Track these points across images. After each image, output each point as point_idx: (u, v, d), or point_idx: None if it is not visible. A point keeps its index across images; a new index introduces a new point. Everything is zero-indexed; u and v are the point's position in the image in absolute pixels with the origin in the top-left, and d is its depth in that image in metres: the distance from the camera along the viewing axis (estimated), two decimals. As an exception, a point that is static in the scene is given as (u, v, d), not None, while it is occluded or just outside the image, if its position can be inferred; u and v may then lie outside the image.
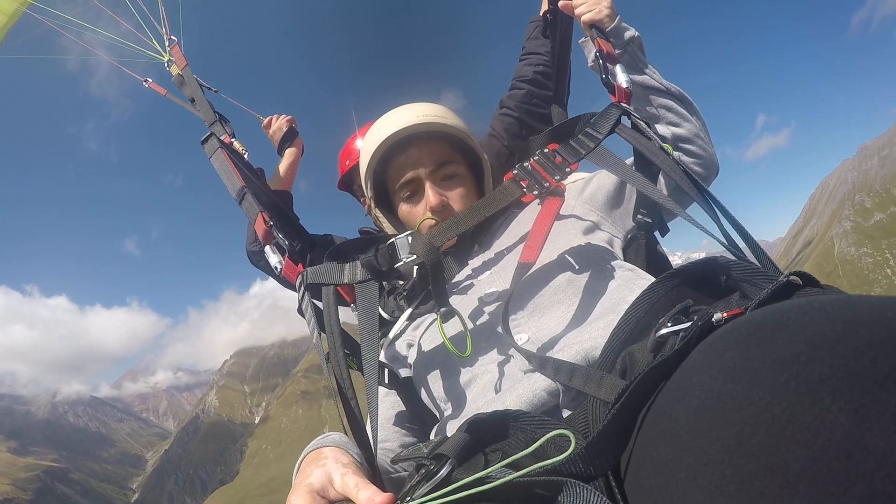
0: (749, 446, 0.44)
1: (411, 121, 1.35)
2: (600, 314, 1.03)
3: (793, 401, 0.43)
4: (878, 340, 0.43)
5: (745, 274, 0.84)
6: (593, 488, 0.63)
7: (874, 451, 0.38)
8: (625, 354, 0.86)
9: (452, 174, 1.40)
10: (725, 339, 0.56)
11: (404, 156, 1.40)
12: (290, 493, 0.83)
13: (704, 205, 1.14)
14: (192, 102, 1.80)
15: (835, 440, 0.39)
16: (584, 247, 1.20)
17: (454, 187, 1.39)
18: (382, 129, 1.38)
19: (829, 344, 0.45)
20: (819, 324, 0.48)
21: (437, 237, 1.14)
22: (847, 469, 0.38)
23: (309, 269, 1.21)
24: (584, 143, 1.18)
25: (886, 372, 0.41)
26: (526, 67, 2.00)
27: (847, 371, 0.42)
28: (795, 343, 0.47)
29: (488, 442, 0.77)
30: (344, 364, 1.08)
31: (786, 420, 0.42)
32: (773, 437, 0.42)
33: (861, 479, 0.37)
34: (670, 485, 0.51)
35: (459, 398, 1.12)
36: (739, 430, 0.45)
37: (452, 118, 1.41)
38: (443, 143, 1.40)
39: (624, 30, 1.41)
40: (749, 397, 0.46)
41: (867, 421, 0.39)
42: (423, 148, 1.39)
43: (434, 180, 1.39)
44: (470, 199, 1.40)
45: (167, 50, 1.95)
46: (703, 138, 1.40)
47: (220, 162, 1.51)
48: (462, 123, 1.43)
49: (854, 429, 0.39)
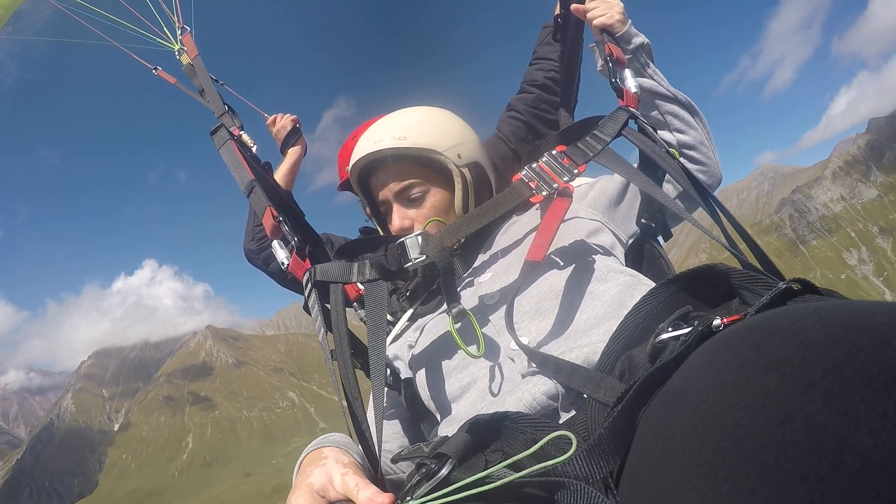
0: (742, 448, 0.45)
1: (368, 149, 1.41)
2: (601, 319, 1.04)
3: (784, 403, 0.44)
4: (868, 344, 0.44)
5: (744, 280, 0.85)
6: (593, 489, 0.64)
7: (862, 451, 0.39)
8: (624, 358, 0.87)
9: (416, 195, 1.42)
10: (722, 345, 0.58)
11: (375, 177, 1.47)
12: (290, 493, 0.84)
13: (709, 210, 1.15)
14: (201, 94, 1.80)
15: (825, 441, 0.40)
16: (586, 250, 1.21)
17: (419, 207, 1.42)
18: (353, 154, 1.46)
19: (821, 348, 0.46)
20: (812, 328, 0.48)
21: (448, 237, 1.14)
22: (836, 469, 0.39)
23: (317, 266, 1.21)
24: (592, 146, 1.19)
25: (875, 374, 0.41)
26: (537, 72, 2.00)
27: (837, 374, 0.43)
28: (788, 347, 0.48)
29: (489, 443, 0.78)
30: (350, 363, 1.08)
31: (777, 422, 0.43)
32: (765, 438, 0.43)
33: (850, 479, 0.38)
34: (666, 486, 0.53)
35: (460, 399, 1.13)
36: (732, 431, 0.46)
37: (417, 133, 1.40)
38: (407, 162, 1.42)
39: (634, 35, 1.41)
40: (742, 400, 0.47)
41: (856, 422, 0.40)
42: (387, 170, 1.44)
43: (401, 201, 1.43)
44: (440, 213, 1.42)
45: (178, 39, 1.94)
46: (708, 146, 1.41)
47: (229, 154, 1.51)
48: (435, 134, 1.42)
49: (843, 430, 0.40)
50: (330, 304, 1.17)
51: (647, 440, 0.62)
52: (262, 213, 1.35)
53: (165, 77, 2.00)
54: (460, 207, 1.43)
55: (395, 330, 1.35)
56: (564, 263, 1.18)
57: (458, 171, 1.42)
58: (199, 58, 1.88)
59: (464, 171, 1.43)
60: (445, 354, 1.18)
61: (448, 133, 1.44)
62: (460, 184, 1.43)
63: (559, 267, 1.18)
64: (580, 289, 1.13)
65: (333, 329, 1.14)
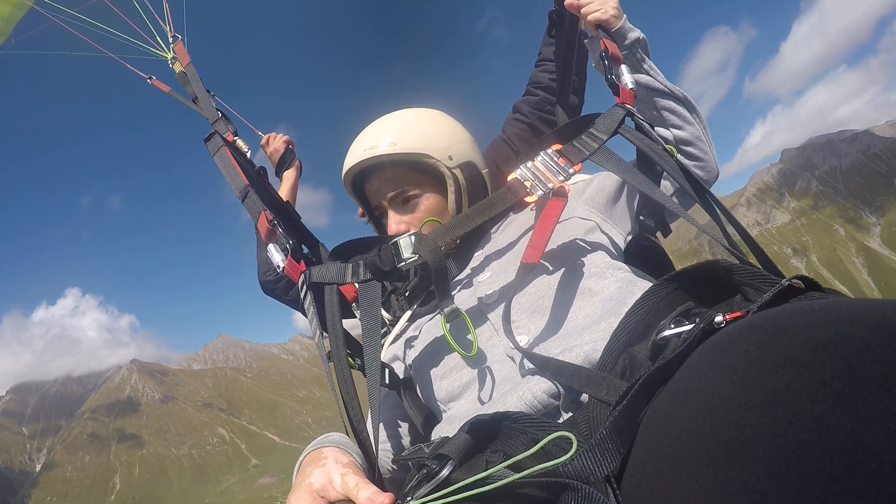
0: (751, 448, 0.44)
1: (360, 157, 1.42)
2: (601, 317, 1.03)
3: (795, 403, 0.43)
4: (879, 342, 0.43)
5: (747, 277, 0.84)
6: (595, 489, 0.63)
7: (876, 451, 0.38)
8: (625, 356, 0.86)
9: (410, 198, 1.43)
10: (727, 342, 0.57)
11: (369, 183, 1.49)
12: (290, 493, 0.84)
13: (707, 207, 1.14)
14: (194, 101, 1.80)
15: (837, 442, 0.40)
16: (584, 249, 1.20)
17: (413, 211, 1.43)
18: (346, 162, 1.47)
19: (831, 347, 0.45)
20: (820, 326, 0.48)
21: (441, 237, 1.14)
22: (849, 470, 0.39)
23: (312, 268, 1.21)
24: (588, 144, 1.18)
25: (887, 373, 0.41)
26: (541, 74, 2.00)
27: (848, 373, 0.42)
28: (797, 346, 0.47)
29: (489, 443, 0.77)
30: (346, 364, 1.08)
31: (788, 422, 0.43)
32: (775, 438, 0.43)
33: (863, 481, 0.38)
34: (672, 486, 0.52)
35: (459, 399, 1.12)
36: (741, 431, 0.45)
37: (408, 138, 1.41)
38: (400, 167, 1.43)
39: (629, 30, 1.40)
40: (751, 399, 0.46)
41: (869, 422, 0.39)
42: (380, 176, 1.45)
43: (395, 206, 1.44)
44: (435, 216, 1.42)
45: (170, 47, 1.95)
46: (705, 142, 1.40)
47: (223, 160, 1.52)
48: (425, 138, 1.42)
49: (856, 430, 0.39)
50: (325, 306, 1.17)
51: (651, 439, 0.61)
52: (257, 216, 1.34)
53: (159, 86, 2.01)
54: (454, 210, 1.44)
55: (395, 330, 1.35)
56: (562, 262, 1.18)
57: (450, 174, 1.43)
58: (191, 65, 1.88)
59: (455, 173, 1.44)
60: (444, 354, 1.18)
61: (438, 135, 1.44)
62: (452, 186, 1.43)
63: (557, 265, 1.17)
64: (578, 285, 1.12)
65: (329, 330, 1.14)
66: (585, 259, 1.17)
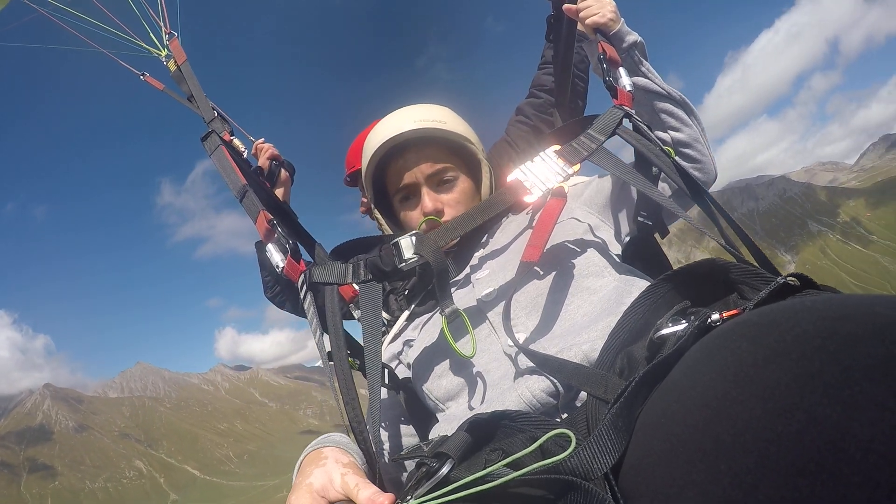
0: (742, 441, 0.45)
1: (408, 126, 1.37)
2: (599, 316, 1.04)
3: (784, 396, 0.44)
4: (865, 334, 0.44)
5: (743, 275, 0.85)
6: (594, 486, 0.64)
7: (862, 440, 0.39)
8: (623, 355, 0.87)
9: (449, 179, 1.41)
10: (720, 339, 0.58)
11: (402, 160, 1.41)
12: (290, 493, 0.84)
13: (704, 207, 1.15)
14: (189, 100, 1.78)
15: (825, 432, 0.41)
16: (583, 248, 1.21)
17: (449, 192, 1.41)
18: (380, 133, 1.39)
19: (818, 340, 0.46)
20: (809, 321, 0.49)
21: (442, 238, 1.14)
22: (836, 460, 0.39)
23: (313, 268, 1.20)
24: (586, 145, 1.19)
25: (872, 364, 0.42)
26: (544, 76, 2.00)
27: (836, 366, 0.43)
28: (786, 341, 0.48)
29: (488, 441, 0.78)
30: (346, 364, 1.08)
31: (777, 414, 0.44)
32: (765, 431, 0.44)
33: (851, 470, 0.39)
34: (667, 480, 0.53)
35: (458, 398, 1.12)
36: (732, 425, 0.46)
37: (453, 121, 1.42)
38: (441, 147, 1.41)
39: (627, 33, 1.41)
40: (742, 393, 0.47)
41: (855, 412, 0.40)
42: (419, 152, 1.40)
43: (430, 185, 1.41)
44: (466, 203, 1.42)
45: (165, 45, 1.93)
46: (703, 143, 1.42)
47: (220, 159, 1.50)
48: (463, 126, 1.44)
49: (843, 421, 0.40)
50: (326, 306, 1.17)
51: (647, 435, 0.62)
52: (256, 216, 1.33)
53: (153, 83, 1.98)
54: (487, 196, 1.44)
55: (394, 330, 1.35)
56: (561, 261, 1.18)
57: (486, 162, 1.46)
58: (187, 63, 1.86)
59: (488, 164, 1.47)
60: (442, 353, 1.18)
61: (469, 128, 1.47)
62: (488, 174, 1.45)
63: (556, 265, 1.18)
64: (577, 285, 1.13)
65: (329, 330, 1.13)
66: (584, 258, 1.18)
